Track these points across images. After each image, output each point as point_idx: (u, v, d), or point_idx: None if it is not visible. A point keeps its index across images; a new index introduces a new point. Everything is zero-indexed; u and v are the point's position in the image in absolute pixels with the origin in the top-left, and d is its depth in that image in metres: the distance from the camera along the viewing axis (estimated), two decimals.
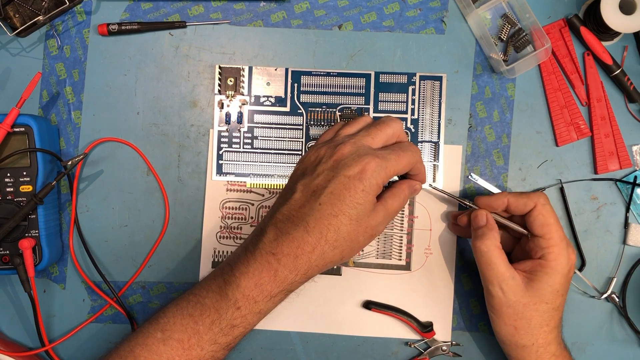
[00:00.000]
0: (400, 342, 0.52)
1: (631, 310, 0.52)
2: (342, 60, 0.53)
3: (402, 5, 0.53)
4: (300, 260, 0.41)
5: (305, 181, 0.43)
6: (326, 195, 0.41)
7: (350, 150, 0.43)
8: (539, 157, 0.53)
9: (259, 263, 0.42)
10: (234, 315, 0.42)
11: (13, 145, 0.49)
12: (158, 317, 0.44)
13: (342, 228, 0.41)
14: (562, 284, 0.45)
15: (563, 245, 0.45)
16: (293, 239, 0.41)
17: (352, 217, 0.41)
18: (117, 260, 0.53)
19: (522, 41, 0.52)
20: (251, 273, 0.42)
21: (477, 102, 0.53)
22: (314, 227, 0.41)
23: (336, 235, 0.41)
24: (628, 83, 0.52)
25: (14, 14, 0.51)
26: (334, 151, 0.43)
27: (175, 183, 0.53)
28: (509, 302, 0.45)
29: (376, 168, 0.42)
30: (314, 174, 0.43)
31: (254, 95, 0.53)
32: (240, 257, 0.43)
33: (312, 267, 0.42)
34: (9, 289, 0.53)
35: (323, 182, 0.42)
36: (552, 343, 0.46)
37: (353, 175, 0.41)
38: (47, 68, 0.53)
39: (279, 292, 0.42)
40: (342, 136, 0.45)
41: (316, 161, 0.44)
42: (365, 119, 0.47)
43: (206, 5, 0.53)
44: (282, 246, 0.41)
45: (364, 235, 0.43)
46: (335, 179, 0.41)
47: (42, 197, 0.48)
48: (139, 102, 0.53)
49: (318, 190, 0.42)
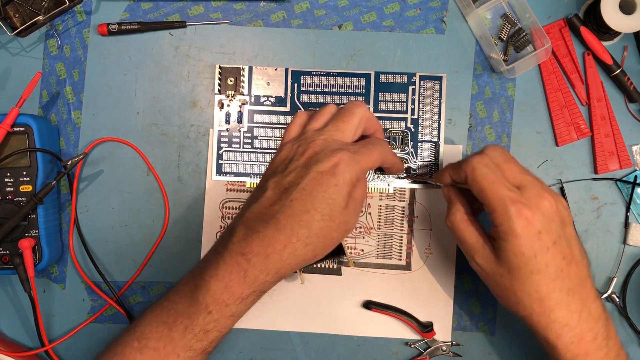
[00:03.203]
0: (400, 342, 0.52)
1: (631, 310, 0.52)
2: (342, 60, 0.53)
3: (402, 5, 0.53)
4: (271, 259, 0.40)
5: (277, 179, 0.42)
6: (298, 192, 0.40)
7: (322, 146, 0.42)
8: (539, 157, 0.53)
9: (227, 264, 0.41)
10: (206, 320, 0.41)
11: (13, 145, 0.49)
12: (135, 325, 0.43)
13: (314, 224, 0.40)
14: (529, 246, 0.40)
15: (504, 208, 0.40)
16: (263, 237, 0.40)
17: (325, 213, 0.40)
18: (117, 260, 0.53)
19: (522, 41, 0.52)
20: (220, 275, 0.41)
21: (477, 102, 0.53)
22: (286, 224, 0.40)
23: (308, 231, 0.40)
24: (628, 83, 0.52)
25: (14, 13, 0.51)
26: (306, 148, 0.42)
27: (175, 183, 0.53)
28: (488, 274, 0.43)
29: (349, 162, 0.41)
30: (286, 172, 0.42)
31: (254, 95, 0.53)
32: (210, 259, 0.42)
33: (284, 265, 0.41)
34: (9, 289, 0.53)
35: (295, 179, 0.41)
36: (554, 310, 0.41)
37: (326, 170, 0.41)
38: (47, 68, 0.53)
39: (250, 294, 0.41)
40: (311, 132, 0.44)
41: (287, 159, 0.43)
42: (330, 109, 0.46)
43: (206, 5, 0.53)
44: (251, 245, 0.40)
45: (337, 231, 0.42)
46: (307, 175, 0.41)
47: (42, 197, 0.48)
48: (139, 102, 0.53)
49: (290, 187, 0.41)
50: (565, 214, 0.42)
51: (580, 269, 0.42)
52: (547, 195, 0.41)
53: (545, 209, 0.40)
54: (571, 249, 0.42)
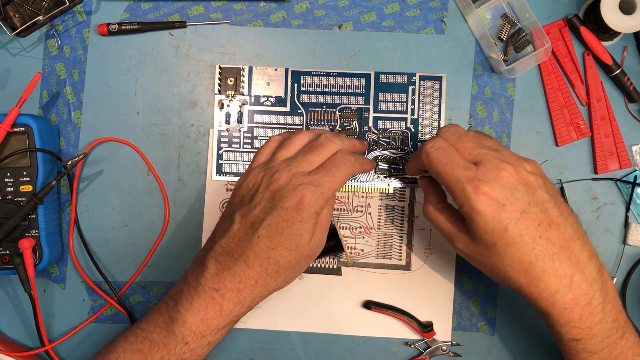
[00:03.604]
0: (400, 342, 0.52)
1: (631, 310, 0.52)
2: (342, 60, 0.53)
3: (402, 5, 0.53)
4: (244, 293, 0.42)
5: (243, 211, 0.42)
6: (264, 228, 0.41)
7: (286, 179, 0.42)
8: (539, 157, 0.53)
9: (202, 299, 0.42)
10: (182, 349, 0.42)
11: (13, 145, 0.49)
12: (109, 351, 0.44)
13: (281, 260, 0.42)
14: (496, 220, 0.39)
15: (461, 188, 0.39)
16: (234, 274, 0.42)
17: (292, 247, 0.41)
18: (117, 260, 0.53)
19: (522, 41, 0.52)
20: (196, 309, 0.42)
21: (477, 102, 0.53)
22: (254, 261, 0.41)
23: (277, 267, 0.42)
24: (628, 83, 0.52)
25: (14, 14, 0.51)
26: (271, 180, 0.42)
27: (175, 183, 0.53)
28: (470, 256, 0.42)
29: (312, 197, 0.41)
30: (251, 204, 0.42)
31: (254, 95, 0.53)
32: (183, 291, 0.43)
33: (255, 298, 0.43)
34: (9, 289, 0.53)
35: (260, 214, 0.41)
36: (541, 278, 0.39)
37: (290, 207, 0.41)
38: (47, 68, 0.53)
39: (226, 325, 0.43)
40: (278, 161, 0.44)
41: (253, 189, 0.43)
42: (302, 138, 0.46)
43: (206, 5, 0.53)
44: (224, 281, 0.42)
45: (306, 260, 0.43)
46: (272, 211, 0.41)
47: (42, 197, 0.48)
48: (139, 102, 0.53)
49: (256, 223, 0.41)
50: (531, 179, 0.40)
51: (562, 231, 0.40)
52: (506, 165, 0.40)
53: (505, 180, 0.39)
54: (547, 213, 0.40)
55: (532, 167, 0.41)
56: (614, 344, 0.41)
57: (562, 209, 0.41)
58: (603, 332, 0.40)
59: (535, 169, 0.41)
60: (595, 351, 0.41)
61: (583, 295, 0.40)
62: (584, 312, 0.40)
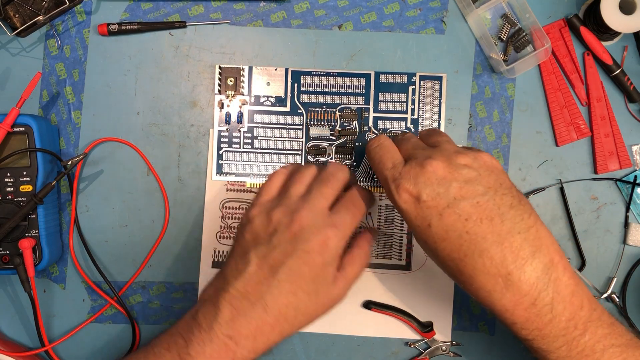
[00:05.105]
0: (400, 342, 0.52)
1: (631, 310, 0.52)
2: (342, 60, 0.53)
3: (402, 5, 0.53)
4: (259, 340, 0.40)
5: (261, 252, 0.40)
6: (285, 272, 0.39)
7: (309, 220, 0.40)
8: (539, 157, 0.53)
9: (215, 345, 0.39)
10: None
11: (13, 145, 0.49)
12: None
13: (301, 305, 0.40)
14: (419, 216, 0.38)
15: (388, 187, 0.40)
16: (251, 320, 0.39)
17: (311, 292, 0.40)
18: (117, 260, 0.53)
19: (522, 41, 0.52)
20: (208, 354, 0.39)
21: (477, 102, 0.53)
22: (273, 306, 0.39)
23: (295, 312, 0.40)
24: (628, 83, 0.52)
25: (14, 14, 0.51)
26: (292, 220, 0.40)
27: (175, 183, 0.53)
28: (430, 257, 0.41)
29: (335, 239, 0.40)
30: (271, 245, 0.40)
31: (254, 95, 0.53)
32: (194, 332, 0.40)
33: (270, 344, 0.41)
34: (9, 289, 0.53)
35: (281, 257, 0.40)
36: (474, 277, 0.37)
37: (313, 249, 0.40)
38: (47, 68, 0.53)
39: None
40: (294, 198, 0.42)
41: (270, 229, 0.41)
42: (311, 172, 0.45)
43: (206, 5, 0.53)
44: (239, 328, 0.39)
45: (322, 308, 0.42)
46: (294, 253, 0.40)
47: (42, 197, 0.48)
48: (139, 102, 0.53)
49: (275, 265, 0.40)
50: (463, 172, 0.38)
51: (496, 226, 0.37)
52: (432, 160, 0.38)
53: (426, 175, 0.38)
54: (478, 207, 0.37)
55: (468, 159, 0.39)
56: (574, 341, 0.37)
57: (502, 201, 0.37)
58: (556, 332, 0.37)
59: (470, 161, 0.39)
60: (551, 350, 0.38)
61: (524, 296, 0.36)
62: (528, 314, 0.37)
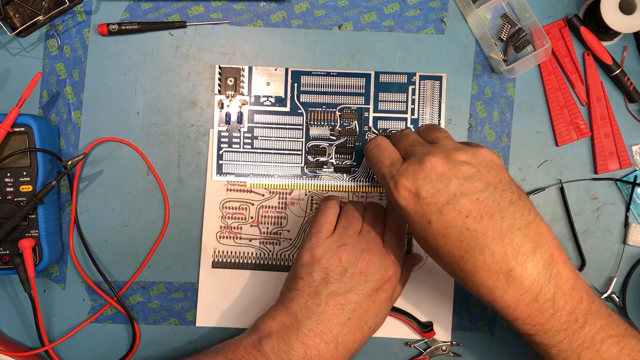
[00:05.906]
0: (400, 342, 0.52)
1: (631, 310, 0.52)
2: (342, 60, 0.53)
3: (402, 5, 0.53)
4: None
5: (332, 291, 0.42)
6: (355, 310, 0.42)
7: (375, 261, 0.43)
8: (539, 157, 0.53)
9: None
10: None
11: (13, 145, 0.49)
12: None
13: (364, 339, 0.43)
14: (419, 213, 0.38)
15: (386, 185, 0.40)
16: (322, 358, 0.41)
17: (371, 325, 0.43)
18: (117, 260, 0.53)
19: (522, 41, 0.52)
20: None
21: (477, 102, 0.53)
22: (343, 343, 0.42)
23: (359, 345, 0.43)
24: (628, 83, 0.52)
25: (14, 14, 0.51)
26: (359, 259, 0.43)
27: (175, 183, 0.53)
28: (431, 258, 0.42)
29: (397, 275, 0.44)
30: (342, 285, 0.42)
31: (254, 95, 0.53)
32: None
33: None
34: (9, 289, 0.53)
35: (352, 296, 0.42)
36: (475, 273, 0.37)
37: (379, 288, 0.43)
38: (47, 68, 0.53)
39: None
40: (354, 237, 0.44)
41: (340, 268, 0.42)
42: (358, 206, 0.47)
43: (206, 5, 0.53)
44: None
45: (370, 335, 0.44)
46: (362, 292, 0.42)
47: (42, 197, 0.48)
48: (139, 102, 0.53)
49: (347, 304, 0.42)
50: (463, 169, 0.38)
51: (497, 222, 0.37)
52: (431, 157, 0.38)
53: (425, 172, 0.38)
54: (479, 204, 0.37)
55: (468, 156, 0.39)
56: (575, 334, 0.37)
57: (502, 197, 0.37)
58: (558, 326, 0.37)
59: (469, 158, 0.39)
60: (553, 344, 0.38)
61: (526, 292, 0.36)
62: (530, 309, 0.37)
